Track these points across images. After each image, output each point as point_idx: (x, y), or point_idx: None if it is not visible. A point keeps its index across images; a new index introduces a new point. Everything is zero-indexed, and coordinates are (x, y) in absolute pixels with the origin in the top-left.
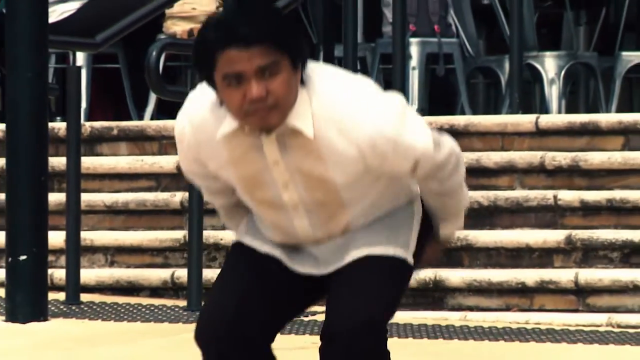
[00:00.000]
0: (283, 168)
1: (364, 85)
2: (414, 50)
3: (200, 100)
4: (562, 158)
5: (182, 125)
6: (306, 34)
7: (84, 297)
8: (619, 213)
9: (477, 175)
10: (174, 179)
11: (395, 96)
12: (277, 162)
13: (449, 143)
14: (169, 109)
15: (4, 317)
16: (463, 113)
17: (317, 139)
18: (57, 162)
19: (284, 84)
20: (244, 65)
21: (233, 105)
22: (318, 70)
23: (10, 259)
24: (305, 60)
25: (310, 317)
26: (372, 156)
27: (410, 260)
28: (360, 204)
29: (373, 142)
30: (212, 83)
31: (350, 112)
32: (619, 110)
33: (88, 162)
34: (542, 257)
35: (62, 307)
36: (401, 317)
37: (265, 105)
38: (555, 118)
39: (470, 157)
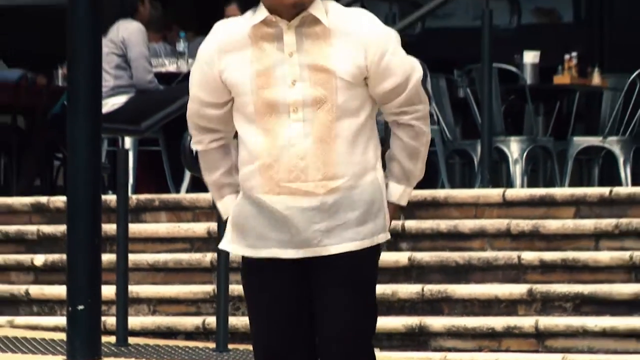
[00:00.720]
0: (295, 61)
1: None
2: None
3: (222, 26)
4: (525, 224)
5: (208, 39)
6: None
7: (131, 340)
8: (571, 270)
9: (454, 239)
10: (205, 242)
11: None
12: (291, 54)
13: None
14: (201, 185)
15: (65, 357)
16: (443, 187)
17: (330, 27)
18: (109, 228)
19: None
20: None
21: None
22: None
23: (70, 309)
24: None
25: None
26: (370, 50)
27: (387, 236)
28: (344, 135)
29: (372, 37)
30: None
31: (358, 17)
32: (571, 185)
33: (134, 228)
34: (508, 306)
35: (112, 348)
36: (391, 356)
37: None
38: (519, 191)
39: (448, 223)
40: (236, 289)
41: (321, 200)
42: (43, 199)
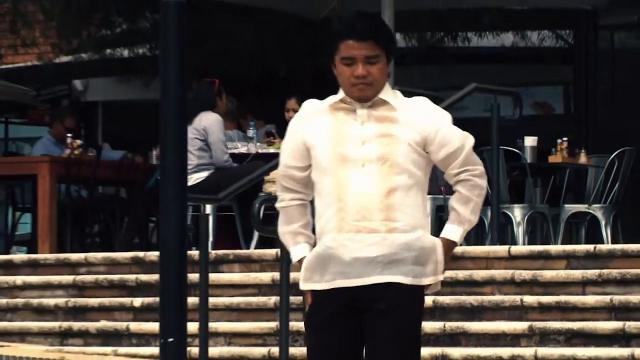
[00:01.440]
0: (365, 128)
1: None
2: (428, 203)
3: (309, 104)
4: (526, 274)
5: (297, 116)
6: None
7: None
8: (563, 311)
9: (469, 285)
10: (270, 288)
11: None
12: (363, 122)
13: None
14: (266, 242)
15: None
16: (460, 245)
17: (396, 106)
18: (193, 276)
19: (379, 71)
20: (356, 52)
21: (344, 78)
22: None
23: (162, 341)
24: (394, 58)
25: None
26: (429, 128)
27: (440, 277)
28: (402, 188)
29: (430, 118)
30: (331, 59)
31: (420, 100)
32: (563, 242)
33: (213, 277)
34: (513, 339)
35: None
36: None
37: (365, 81)
38: (521, 248)
39: (464, 273)
40: (295, 325)
41: (382, 237)
42: (140, 254)
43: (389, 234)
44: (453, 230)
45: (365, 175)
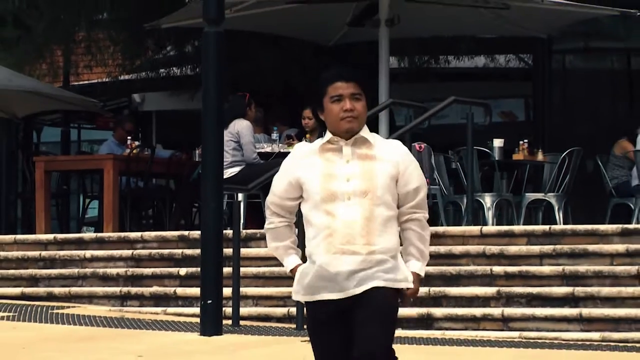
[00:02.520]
0: (350, 166)
1: None
2: None
3: (300, 146)
4: (495, 249)
5: (291, 156)
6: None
7: (242, 322)
8: (525, 278)
9: (449, 258)
10: None
11: None
12: (348, 160)
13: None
14: None
15: (199, 333)
16: (442, 225)
17: (374, 144)
18: (227, 251)
19: (363, 107)
20: (344, 91)
21: (334, 115)
22: None
23: (202, 302)
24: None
25: None
26: (400, 164)
27: (411, 285)
28: (380, 217)
29: (402, 157)
30: (320, 106)
31: (392, 142)
32: (525, 224)
33: (244, 251)
34: (484, 301)
35: (229, 327)
36: (408, 333)
37: (352, 115)
38: (490, 228)
39: (445, 248)
40: None
41: (363, 258)
42: (185, 233)
43: (367, 256)
44: (418, 266)
45: (351, 206)
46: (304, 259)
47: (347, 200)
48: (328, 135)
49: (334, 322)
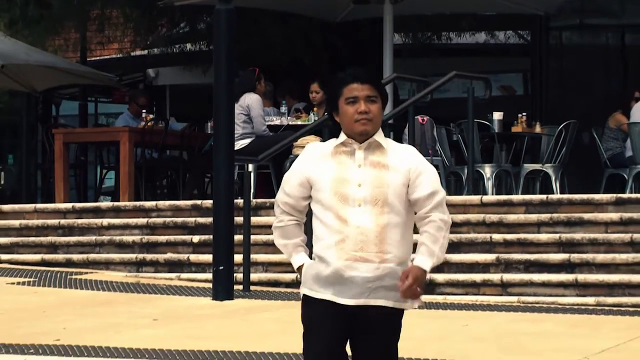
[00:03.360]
0: (362, 170)
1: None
2: None
3: (313, 146)
4: (494, 217)
5: (303, 155)
6: None
7: (252, 287)
8: (523, 245)
9: (451, 227)
10: None
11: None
12: (360, 165)
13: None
14: None
15: (211, 297)
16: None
17: (387, 150)
18: (239, 219)
19: (378, 109)
20: (359, 92)
21: (349, 116)
22: None
23: (214, 268)
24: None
25: None
26: (412, 172)
27: (413, 305)
28: (392, 225)
29: (415, 164)
30: (335, 107)
31: (406, 148)
32: (523, 193)
33: (254, 220)
34: (484, 267)
35: (240, 292)
36: None
37: (367, 117)
38: (491, 197)
39: None
40: None
41: (376, 266)
42: (198, 202)
43: (381, 264)
44: (424, 261)
45: (362, 213)
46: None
47: (358, 207)
48: (342, 136)
49: (334, 323)
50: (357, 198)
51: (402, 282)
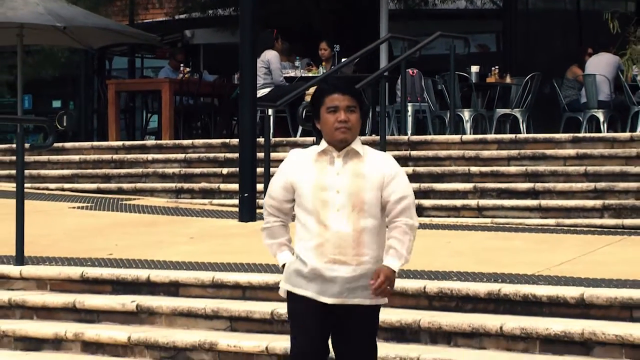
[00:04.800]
0: (340, 177)
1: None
2: (410, 108)
3: (296, 152)
4: (472, 153)
5: (287, 160)
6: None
7: None
8: (495, 176)
9: (436, 160)
10: None
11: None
12: (338, 173)
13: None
14: (306, 133)
15: (237, 219)
16: (430, 134)
17: (364, 158)
18: (260, 155)
19: (357, 119)
20: (340, 102)
21: (329, 124)
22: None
23: (240, 195)
24: (365, 115)
25: None
26: (387, 175)
27: (385, 301)
28: (368, 229)
29: (389, 169)
30: (317, 115)
31: (382, 155)
32: (495, 133)
33: (273, 155)
34: (463, 194)
35: (262, 215)
36: None
37: (346, 125)
38: (469, 136)
39: (433, 152)
40: None
41: (353, 269)
42: (227, 140)
43: (357, 266)
44: (393, 262)
45: (341, 217)
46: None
47: (337, 212)
48: (323, 144)
49: (315, 319)
50: (336, 204)
51: (375, 281)
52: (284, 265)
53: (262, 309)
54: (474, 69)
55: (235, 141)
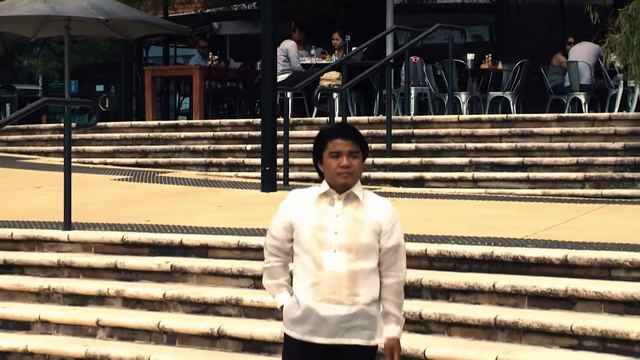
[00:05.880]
0: (339, 219)
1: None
2: (412, 92)
3: (297, 192)
4: (468, 131)
5: (287, 200)
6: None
7: (290, 183)
8: (489, 152)
9: (435, 137)
10: None
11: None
12: (338, 215)
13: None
14: (321, 113)
15: (260, 190)
16: (430, 114)
17: (363, 203)
18: (280, 132)
19: (359, 164)
20: (342, 148)
21: (331, 169)
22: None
23: (262, 169)
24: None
25: None
26: (384, 225)
27: (381, 342)
28: (363, 271)
29: (387, 217)
30: (320, 158)
31: (382, 201)
32: (489, 113)
33: (291, 133)
34: (460, 168)
35: (282, 186)
36: (406, 190)
37: (348, 170)
38: (465, 116)
39: (433, 131)
40: None
41: (348, 309)
42: (251, 120)
43: (352, 306)
44: (396, 330)
45: (337, 258)
46: None
47: (333, 252)
48: (325, 186)
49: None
50: (333, 244)
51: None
52: (282, 307)
53: None
54: (470, 56)
55: (257, 121)
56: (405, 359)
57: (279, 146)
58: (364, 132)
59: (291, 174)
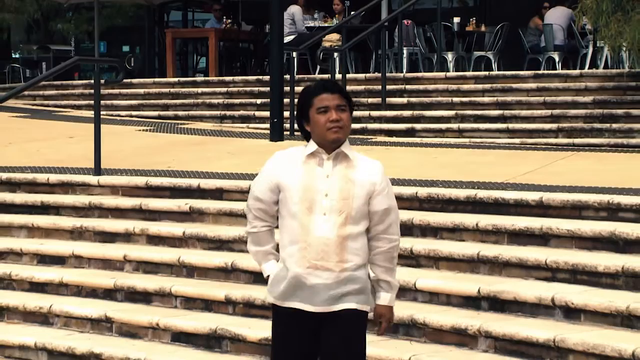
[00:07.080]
0: (330, 180)
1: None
2: (405, 52)
3: (282, 153)
4: (454, 87)
5: (272, 160)
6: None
7: (295, 134)
8: (473, 105)
9: (425, 92)
10: None
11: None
12: (328, 175)
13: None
14: (323, 71)
15: (269, 139)
16: (420, 72)
17: (354, 162)
18: (286, 88)
19: (348, 118)
20: (330, 102)
21: (320, 125)
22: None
23: (271, 121)
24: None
25: None
26: (377, 185)
27: (371, 308)
28: (353, 236)
29: (378, 179)
30: (305, 117)
31: (372, 162)
32: (473, 71)
33: (297, 89)
34: (446, 120)
35: (288, 136)
36: (400, 139)
37: (338, 125)
38: (452, 73)
39: (423, 87)
40: None
41: (336, 275)
42: (261, 77)
43: (341, 273)
44: (389, 298)
45: (326, 222)
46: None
47: (323, 216)
48: (312, 146)
49: (301, 331)
50: (323, 207)
51: (378, 327)
52: (268, 277)
53: None
54: (456, 19)
55: (266, 78)
56: (398, 290)
57: (286, 100)
58: (361, 87)
59: (296, 126)
